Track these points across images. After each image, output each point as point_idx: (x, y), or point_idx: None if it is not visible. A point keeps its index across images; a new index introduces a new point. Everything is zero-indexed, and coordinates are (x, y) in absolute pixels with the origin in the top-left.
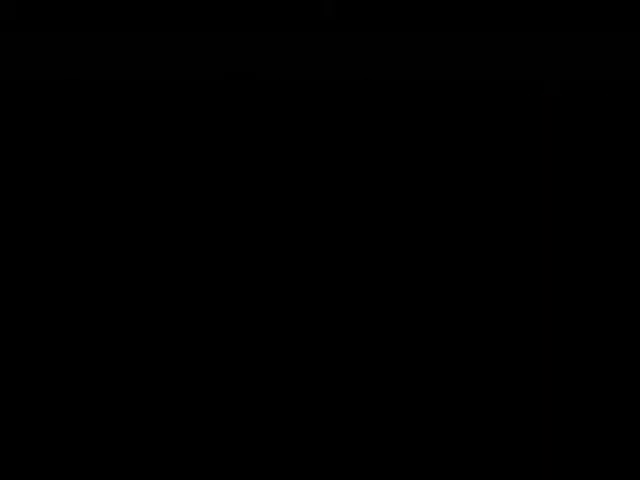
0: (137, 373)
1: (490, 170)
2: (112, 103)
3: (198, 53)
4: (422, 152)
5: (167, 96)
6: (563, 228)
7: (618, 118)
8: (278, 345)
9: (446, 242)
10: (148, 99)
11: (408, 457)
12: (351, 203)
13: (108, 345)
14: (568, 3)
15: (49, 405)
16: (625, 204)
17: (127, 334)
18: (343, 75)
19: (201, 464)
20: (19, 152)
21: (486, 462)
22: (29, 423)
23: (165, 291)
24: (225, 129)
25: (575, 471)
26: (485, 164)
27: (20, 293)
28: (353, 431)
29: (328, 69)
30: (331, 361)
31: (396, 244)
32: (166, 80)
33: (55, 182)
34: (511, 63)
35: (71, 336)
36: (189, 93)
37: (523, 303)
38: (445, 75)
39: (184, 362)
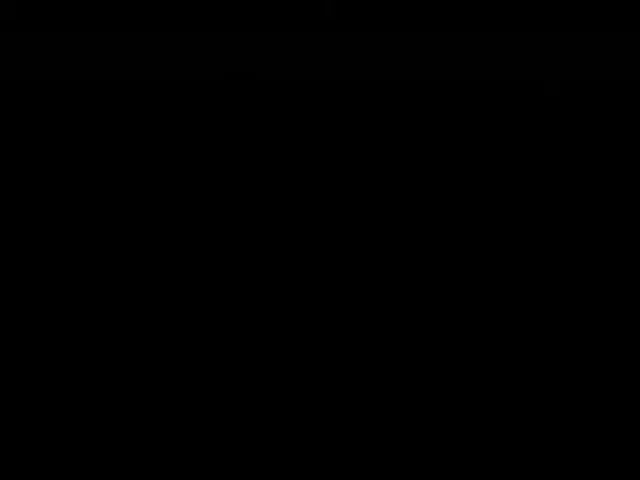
0: (137, 373)
1: (490, 170)
2: (112, 103)
3: (198, 53)
4: (422, 152)
5: (167, 96)
6: (563, 228)
7: (618, 118)
8: (278, 345)
9: (446, 242)
10: (148, 99)
11: (408, 457)
12: (351, 203)
13: (108, 345)
14: (568, 3)
15: (49, 405)
16: (625, 204)
17: (127, 334)
18: (343, 75)
19: (201, 464)
20: (19, 152)
21: (486, 462)
22: (29, 423)
23: (165, 290)
24: (225, 129)
25: (575, 471)
26: (485, 164)
27: (20, 293)
28: (353, 431)
29: (328, 69)
30: (331, 361)
31: (396, 244)
32: (166, 80)
33: (55, 182)
34: (511, 63)
35: (71, 336)
36: (189, 93)
37: (523, 303)
38: (445, 75)
39: (184, 362)
